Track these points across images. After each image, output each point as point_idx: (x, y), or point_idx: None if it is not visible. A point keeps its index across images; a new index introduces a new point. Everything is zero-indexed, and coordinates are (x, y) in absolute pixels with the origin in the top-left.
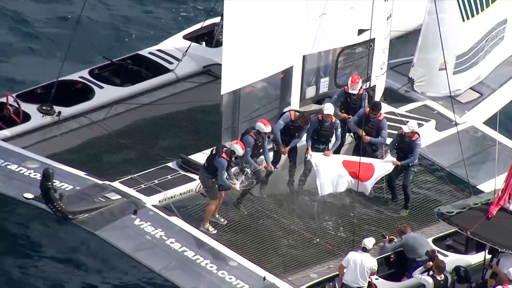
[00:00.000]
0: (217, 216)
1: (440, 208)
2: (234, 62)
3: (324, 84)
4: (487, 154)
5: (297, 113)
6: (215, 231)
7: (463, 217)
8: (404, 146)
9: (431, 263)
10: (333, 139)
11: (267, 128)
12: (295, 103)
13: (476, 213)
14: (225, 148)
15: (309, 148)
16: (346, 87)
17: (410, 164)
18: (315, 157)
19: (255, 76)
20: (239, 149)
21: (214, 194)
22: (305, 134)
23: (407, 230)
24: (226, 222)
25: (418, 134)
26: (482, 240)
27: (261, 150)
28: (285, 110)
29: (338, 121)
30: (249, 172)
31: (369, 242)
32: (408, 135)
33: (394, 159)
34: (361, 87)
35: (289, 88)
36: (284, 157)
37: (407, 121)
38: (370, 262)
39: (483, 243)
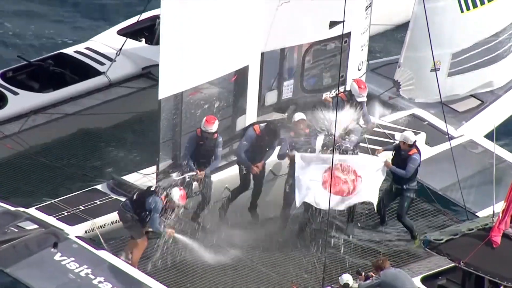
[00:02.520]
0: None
1: (427, 236)
2: (175, 59)
3: (288, 88)
4: (489, 174)
5: (262, 125)
6: None
7: (454, 245)
8: (399, 160)
9: None
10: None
11: (210, 127)
12: (252, 111)
13: (471, 240)
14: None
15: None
16: (342, 94)
17: (405, 188)
18: (301, 158)
19: (201, 77)
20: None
21: (139, 232)
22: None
23: (386, 265)
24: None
25: (418, 150)
26: (479, 272)
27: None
28: (247, 125)
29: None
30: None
31: (349, 278)
32: (404, 149)
33: (387, 160)
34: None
35: (244, 93)
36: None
37: (402, 132)
38: None
39: (480, 275)
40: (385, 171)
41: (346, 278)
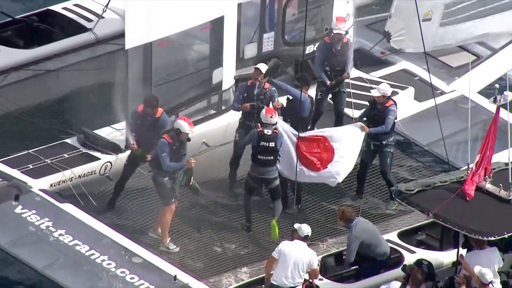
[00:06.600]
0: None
1: (399, 186)
2: (142, 7)
3: (269, 41)
4: (479, 130)
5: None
6: (178, 249)
7: (425, 196)
8: (375, 114)
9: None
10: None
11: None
12: (229, 64)
13: (443, 192)
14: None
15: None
16: (326, 38)
17: (384, 143)
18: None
19: (172, 27)
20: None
21: (168, 198)
22: None
23: (353, 216)
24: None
25: (394, 101)
26: (447, 224)
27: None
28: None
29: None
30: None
31: (308, 228)
32: (381, 102)
33: (362, 124)
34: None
35: (221, 44)
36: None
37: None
38: (308, 254)
39: (447, 227)
40: (363, 137)
41: (307, 230)
